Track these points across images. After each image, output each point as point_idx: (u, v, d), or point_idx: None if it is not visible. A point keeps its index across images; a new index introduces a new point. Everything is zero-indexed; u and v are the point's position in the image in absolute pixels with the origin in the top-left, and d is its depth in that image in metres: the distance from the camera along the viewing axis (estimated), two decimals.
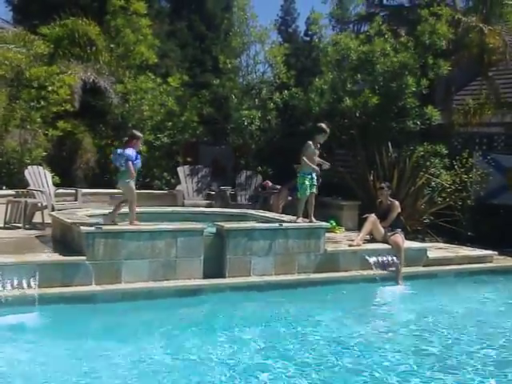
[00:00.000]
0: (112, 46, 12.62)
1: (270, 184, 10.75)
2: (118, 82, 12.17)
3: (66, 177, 10.90)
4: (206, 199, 10.80)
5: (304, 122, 11.73)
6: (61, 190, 9.46)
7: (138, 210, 6.59)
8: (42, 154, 10.31)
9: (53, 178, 9.63)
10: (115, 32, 12.68)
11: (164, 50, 15.62)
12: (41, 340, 4.89)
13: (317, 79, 11.23)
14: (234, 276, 6.62)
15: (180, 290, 6.24)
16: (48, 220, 8.07)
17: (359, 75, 10.65)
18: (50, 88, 10.56)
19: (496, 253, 8.38)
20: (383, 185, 8.27)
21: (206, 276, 6.49)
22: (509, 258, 8.62)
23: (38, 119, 10.43)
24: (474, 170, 10.11)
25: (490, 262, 8.25)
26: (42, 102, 10.48)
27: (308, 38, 20.65)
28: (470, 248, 8.68)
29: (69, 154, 11.79)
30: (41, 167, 9.39)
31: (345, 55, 10.68)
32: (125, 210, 6.56)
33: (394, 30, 11.03)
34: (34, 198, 8.72)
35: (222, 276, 6.61)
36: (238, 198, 10.96)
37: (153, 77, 12.74)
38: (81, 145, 11.84)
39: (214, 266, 6.62)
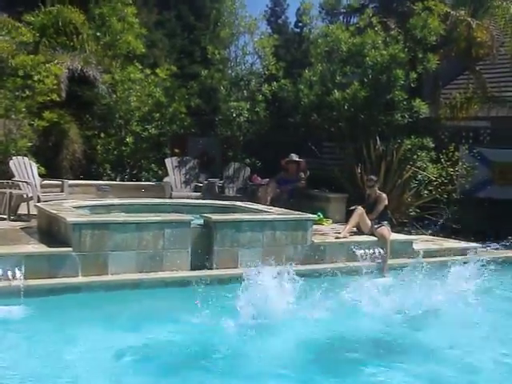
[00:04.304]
0: (98, 34, 12.49)
1: (259, 179, 10.76)
2: (105, 72, 12.06)
3: (51, 168, 10.81)
4: (194, 191, 10.78)
5: (293, 115, 11.74)
6: (47, 181, 9.36)
7: (124, 201, 6.56)
8: (27, 144, 10.19)
9: (38, 168, 9.54)
10: (101, 20, 12.55)
11: (152, 40, 15.50)
12: (26, 331, 4.87)
13: (306, 71, 11.23)
14: (221, 268, 6.64)
15: (167, 281, 6.23)
16: (34, 211, 8.00)
17: (348, 67, 10.66)
18: (35, 77, 10.43)
19: (480, 245, 8.47)
20: (372, 177, 8.30)
21: (193, 268, 6.50)
22: (492, 250, 8.71)
23: (23, 109, 10.30)
24: (460, 164, 10.20)
25: (474, 254, 8.33)
26: (27, 92, 10.34)
27: (298, 30, 20.59)
28: (454, 240, 8.77)
29: (55, 145, 11.70)
30: (26, 158, 9.30)
31: (334, 47, 10.67)
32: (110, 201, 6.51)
33: (383, 22, 11.04)
34: (20, 189, 8.64)
35: (210, 268, 6.62)
36: (226, 190, 10.95)
37: (140, 67, 12.66)
38: (67, 135, 11.75)
39: (202, 258, 6.62)
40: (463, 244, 8.52)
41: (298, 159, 10.27)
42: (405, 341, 5.16)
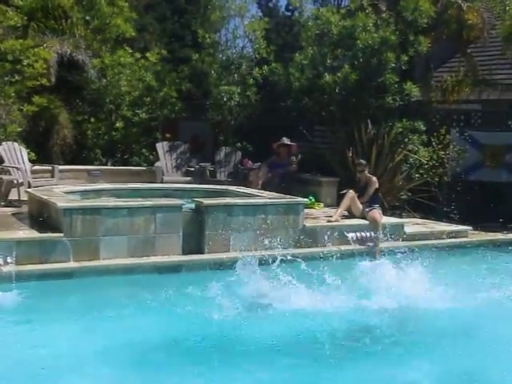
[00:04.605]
0: (87, 18, 12.33)
1: (250, 163, 10.74)
2: (94, 57, 11.94)
3: (42, 153, 10.74)
4: (185, 175, 10.76)
5: (284, 99, 11.69)
6: (37, 167, 9.32)
7: (116, 186, 6.55)
8: (16, 129, 10.09)
9: (28, 154, 9.49)
10: (90, 4, 12.39)
11: (142, 24, 15.32)
12: (18, 317, 4.86)
13: (297, 54, 11.17)
14: (213, 252, 6.65)
15: (159, 266, 6.25)
16: (24, 197, 7.97)
17: (339, 51, 10.61)
18: (25, 62, 10.31)
19: (471, 228, 8.55)
20: (361, 161, 8.36)
21: (185, 252, 6.51)
22: (483, 232, 8.81)
23: (13, 94, 10.20)
24: (451, 147, 10.21)
25: (465, 236, 8.41)
26: (17, 77, 10.23)
27: (289, 13, 20.43)
28: (445, 223, 8.83)
29: (45, 130, 11.60)
30: (16, 143, 9.24)
31: (325, 30, 10.61)
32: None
33: (374, 4, 10.96)
34: (10, 174, 8.60)
35: (202, 252, 6.63)
36: (218, 175, 10.94)
37: (131, 51, 12.54)
38: (57, 120, 11.64)
39: (193, 243, 6.63)
40: (454, 227, 8.58)
41: (289, 143, 10.27)
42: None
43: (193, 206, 6.85)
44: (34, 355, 4.13)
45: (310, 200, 8.69)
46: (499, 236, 8.78)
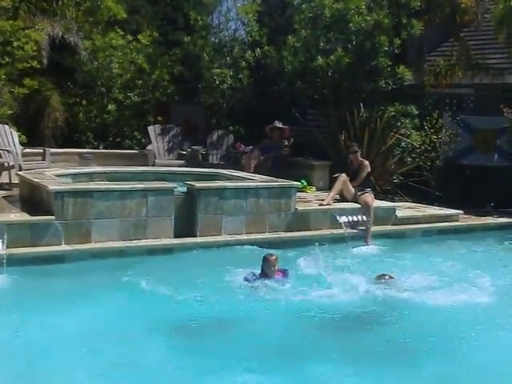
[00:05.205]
0: None
1: (242, 146, 10.72)
2: (86, 39, 11.81)
3: (33, 136, 10.66)
4: (178, 159, 10.73)
5: (277, 82, 11.64)
6: (28, 150, 9.25)
7: (107, 169, 6.52)
8: (7, 112, 10.00)
9: (19, 137, 9.41)
10: None
11: (134, 6, 15.14)
12: (9, 301, 4.86)
13: (290, 37, 11.10)
14: (205, 235, 6.67)
15: (151, 249, 6.26)
16: (15, 180, 7.93)
17: (332, 33, 10.54)
18: (15, 44, 10.19)
19: (462, 212, 8.59)
20: (354, 144, 8.36)
21: (176, 235, 6.52)
22: (474, 216, 8.86)
23: (3, 76, 10.10)
24: (444, 131, 10.23)
25: (456, 220, 8.46)
26: (7, 59, 10.13)
27: None
28: (437, 207, 8.88)
29: (36, 113, 11.49)
30: (7, 126, 9.15)
31: (318, 12, 10.53)
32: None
33: None
34: (0, 157, 8.54)
35: (193, 235, 6.65)
36: (210, 158, 10.91)
37: (122, 33, 12.40)
38: (48, 103, 11.52)
39: (185, 226, 6.64)
40: (446, 211, 8.63)
41: (281, 126, 10.25)
42: None
43: (185, 189, 6.85)
44: (24, 339, 4.11)
45: (302, 183, 8.71)
46: (490, 220, 8.86)
